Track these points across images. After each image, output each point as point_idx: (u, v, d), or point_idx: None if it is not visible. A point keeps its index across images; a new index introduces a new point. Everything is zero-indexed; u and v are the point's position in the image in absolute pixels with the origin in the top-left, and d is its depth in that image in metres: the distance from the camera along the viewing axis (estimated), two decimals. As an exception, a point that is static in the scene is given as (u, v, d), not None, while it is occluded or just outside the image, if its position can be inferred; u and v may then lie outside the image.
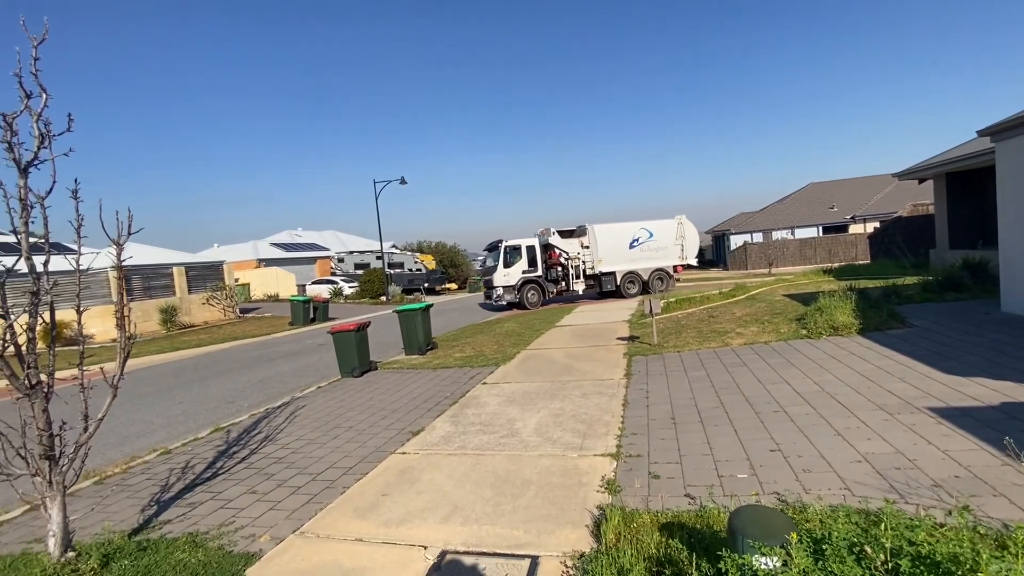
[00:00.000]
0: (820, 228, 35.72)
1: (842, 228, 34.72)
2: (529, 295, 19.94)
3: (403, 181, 29.66)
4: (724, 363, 7.49)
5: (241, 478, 5.04)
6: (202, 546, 3.68)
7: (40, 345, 3.45)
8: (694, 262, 22.57)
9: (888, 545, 2.21)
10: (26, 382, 3.27)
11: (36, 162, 3.25)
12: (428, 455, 5.14)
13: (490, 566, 3.18)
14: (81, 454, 3.56)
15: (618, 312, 15.32)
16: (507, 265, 19.90)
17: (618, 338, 10.68)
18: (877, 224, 30.41)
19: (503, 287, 19.85)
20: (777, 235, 36.53)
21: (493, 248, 21.21)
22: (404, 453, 5.27)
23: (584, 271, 20.77)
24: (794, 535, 2.05)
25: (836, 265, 24.86)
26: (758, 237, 37.37)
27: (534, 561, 3.18)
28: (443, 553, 3.37)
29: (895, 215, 27.67)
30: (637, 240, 21.04)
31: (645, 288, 21.10)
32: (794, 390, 5.84)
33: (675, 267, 21.74)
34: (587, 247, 20.78)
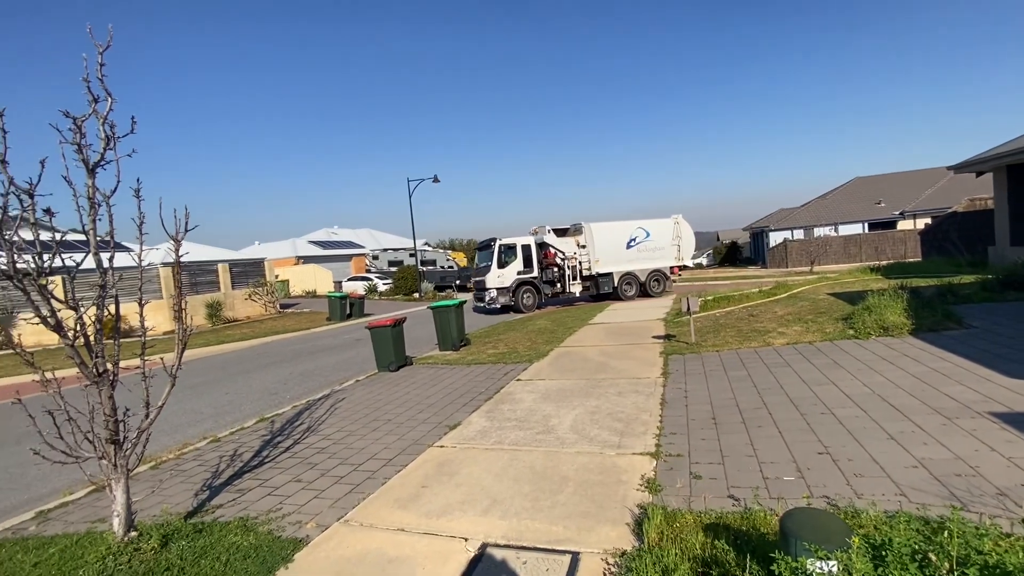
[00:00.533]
0: (866, 224, 34.24)
1: (890, 224, 33.16)
2: (525, 298, 18.76)
3: (436, 179, 29.97)
4: (766, 363, 7.28)
5: (286, 466, 5.22)
6: (253, 530, 3.83)
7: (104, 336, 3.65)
8: (691, 263, 21.96)
9: (954, 554, 2.11)
10: (94, 370, 3.47)
11: (103, 163, 3.44)
12: (465, 449, 5.20)
13: (531, 560, 3.19)
14: (143, 439, 3.76)
15: (652, 310, 15.09)
16: (501, 265, 18.60)
17: (653, 336, 10.52)
18: (929, 220, 28.92)
19: (497, 289, 18.59)
20: (819, 232, 35.23)
21: (485, 247, 19.87)
22: (442, 446, 5.34)
23: (581, 272, 19.77)
24: (856, 539, 1.98)
25: (884, 263, 23.77)
26: (799, 234, 36.11)
27: (575, 557, 3.18)
28: (484, 546, 3.41)
29: (949, 210, 26.18)
30: (634, 240, 20.15)
31: (643, 290, 20.30)
32: (842, 392, 5.62)
33: (672, 268, 20.95)
34: (583, 247, 19.83)
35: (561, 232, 20.27)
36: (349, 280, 36.33)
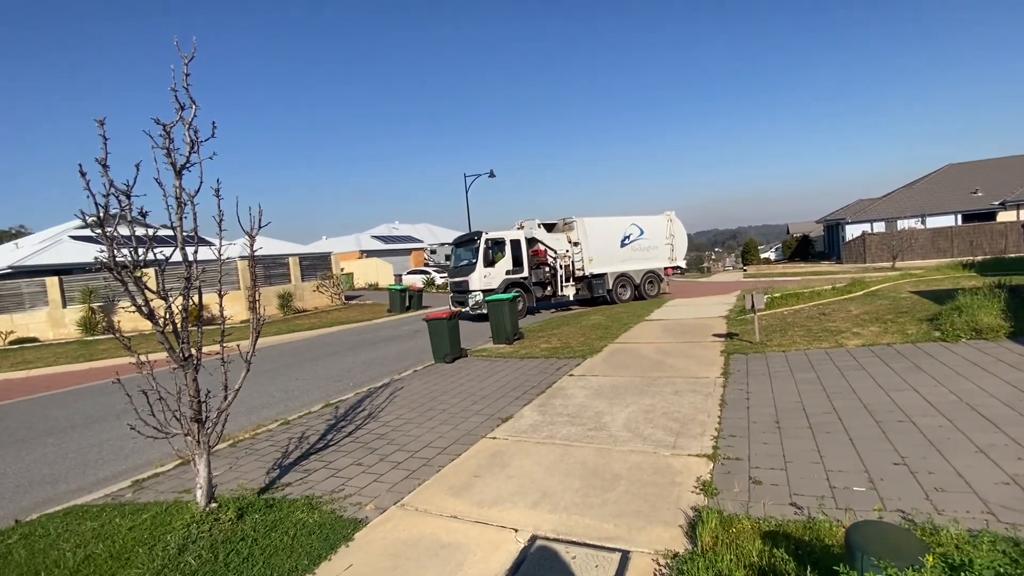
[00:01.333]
0: (959, 216, 31.19)
1: (988, 216, 30.02)
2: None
3: (492, 174, 30.24)
4: (838, 365, 6.84)
5: (348, 450, 5.50)
6: (317, 508, 4.08)
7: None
8: (683, 264, 20.49)
9: (1049, 582, 1.91)
10: (181, 355, 3.81)
11: (188, 165, 3.75)
12: (517, 442, 5.26)
13: (580, 555, 3.20)
14: (222, 419, 4.09)
15: (714, 307, 14.53)
16: (488, 263, 16.24)
17: (714, 335, 10.13)
18: (1036, 211, 25.92)
19: (483, 291, 16.02)
20: (903, 224, 32.46)
21: (467, 241, 17.49)
22: (494, 438, 5.43)
23: (573, 272, 17.90)
24: (930, 557, 1.84)
25: (979, 259, 21.56)
26: (879, 226, 33.46)
27: (625, 556, 3.15)
28: (534, 538, 3.45)
29: (1061, 200, 23.33)
30: (629, 237, 18.65)
31: (637, 293, 19.02)
32: (924, 399, 5.19)
33: (665, 269, 19.66)
34: (577, 244, 17.92)
35: (549, 227, 18.49)
36: (408, 273, 37.51)
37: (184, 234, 3.86)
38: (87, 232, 25.25)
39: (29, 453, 6.74)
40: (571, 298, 17.90)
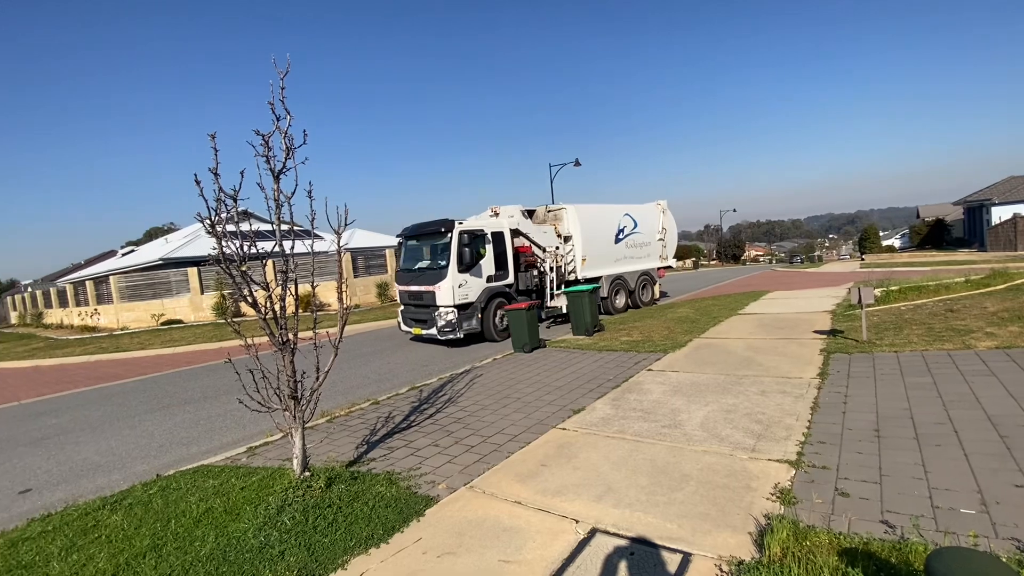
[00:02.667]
0: None
1: None
2: (501, 319, 12.05)
3: (577, 163, 29.87)
4: (961, 369, 6.01)
5: (428, 431, 5.84)
6: (395, 484, 4.41)
7: (288, 311, 4.48)
8: (674, 263, 17.61)
9: None
10: (280, 339, 4.29)
11: (284, 170, 4.18)
12: (587, 434, 5.26)
13: (639, 552, 3.18)
14: (314, 398, 4.55)
15: (819, 301, 13.31)
16: (464, 266, 11.32)
17: (815, 331, 9.32)
18: None
19: (457, 306, 11.27)
20: (1072, 205, 27.28)
21: (431, 234, 12.09)
22: (564, 429, 5.48)
23: (564, 275, 13.74)
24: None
25: None
26: (1038, 208, 28.38)
27: (686, 557, 3.08)
28: (594, 530, 3.47)
29: None
30: (623, 231, 15.21)
31: (631, 300, 15.44)
32: (1071, 414, 4.42)
33: (658, 270, 16.68)
34: (568, 238, 13.80)
35: (529, 214, 13.85)
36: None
37: (281, 231, 4.32)
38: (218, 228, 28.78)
39: (171, 418, 7.95)
40: (564, 310, 12.93)
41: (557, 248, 13.48)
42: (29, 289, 39.04)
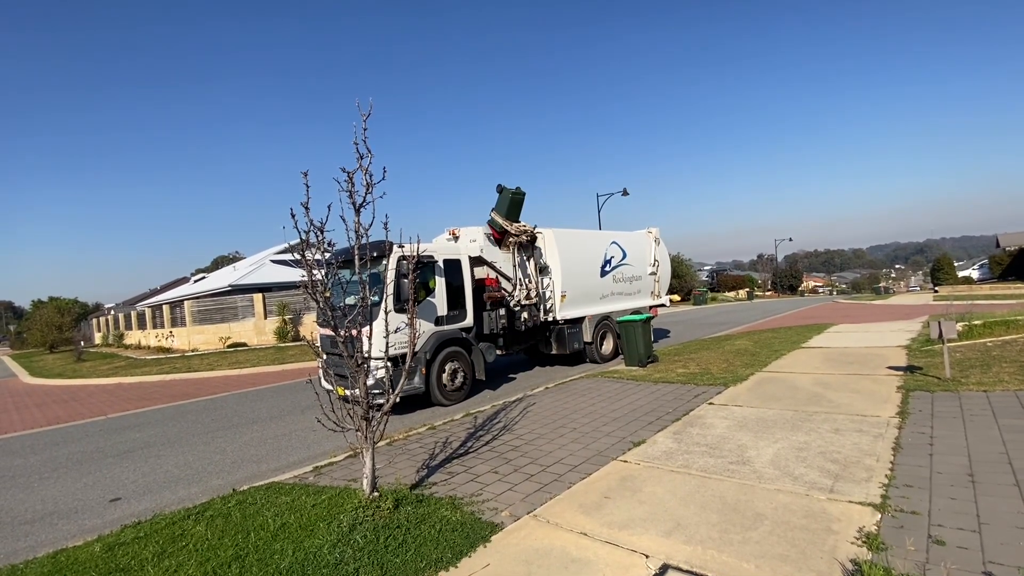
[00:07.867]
0: None
1: None
2: (451, 374, 9.40)
3: (625, 192, 29.88)
4: (1065, 413, 5.50)
5: (485, 458, 5.89)
6: (459, 508, 4.46)
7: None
8: (667, 301, 15.25)
9: None
10: (357, 361, 4.52)
11: (364, 204, 4.49)
12: (650, 468, 5.15)
13: (715, 592, 3.07)
14: (384, 419, 4.72)
15: (891, 335, 12.56)
16: (401, 305, 7.97)
17: (889, 367, 8.78)
18: None
19: (392, 359, 6.08)
20: None
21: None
22: (625, 461, 5.39)
23: (540, 315, 11.36)
24: None
25: None
26: None
27: (767, 600, 2.95)
28: (665, 567, 3.38)
29: None
30: (610, 262, 12.94)
31: (617, 346, 12.72)
32: None
33: (651, 309, 14.00)
34: (544, 268, 11.57)
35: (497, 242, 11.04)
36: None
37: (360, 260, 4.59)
38: (284, 256, 30.44)
39: (241, 436, 8.37)
40: (553, 351, 11.86)
41: (529, 280, 11.11)
42: (112, 312, 42.48)
